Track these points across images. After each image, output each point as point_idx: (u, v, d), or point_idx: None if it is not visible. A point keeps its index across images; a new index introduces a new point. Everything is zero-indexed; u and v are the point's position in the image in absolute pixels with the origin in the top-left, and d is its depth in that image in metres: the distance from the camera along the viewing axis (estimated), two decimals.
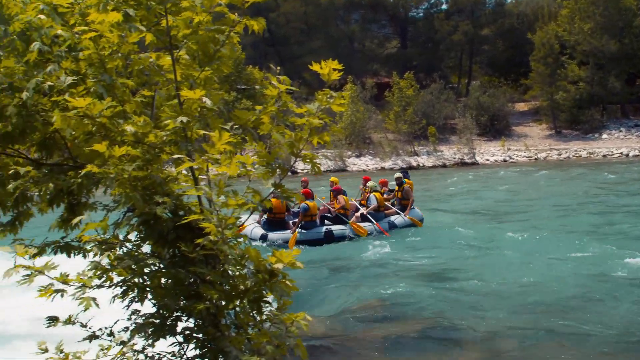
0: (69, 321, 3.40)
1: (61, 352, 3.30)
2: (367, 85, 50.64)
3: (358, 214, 14.77)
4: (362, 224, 14.41)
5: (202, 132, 2.76)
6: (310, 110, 3.02)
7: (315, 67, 3.08)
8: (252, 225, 14.25)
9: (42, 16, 3.39)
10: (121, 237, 3.31)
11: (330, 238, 14.02)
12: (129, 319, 3.35)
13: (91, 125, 2.94)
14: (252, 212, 2.88)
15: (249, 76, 44.97)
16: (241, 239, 2.96)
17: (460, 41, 61.45)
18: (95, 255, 3.22)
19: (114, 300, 3.11)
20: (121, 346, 3.35)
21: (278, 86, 2.93)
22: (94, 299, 2.84)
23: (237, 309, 2.98)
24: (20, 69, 3.66)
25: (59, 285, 2.92)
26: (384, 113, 49.10)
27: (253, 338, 2.88)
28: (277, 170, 2.99)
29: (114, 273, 3.08)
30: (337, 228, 14.33)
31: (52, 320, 3.38)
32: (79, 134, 3.03)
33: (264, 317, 2.93)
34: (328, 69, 3.04)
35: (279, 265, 2.66)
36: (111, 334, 3.43)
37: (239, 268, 2.79)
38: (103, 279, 3.00)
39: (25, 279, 2.83)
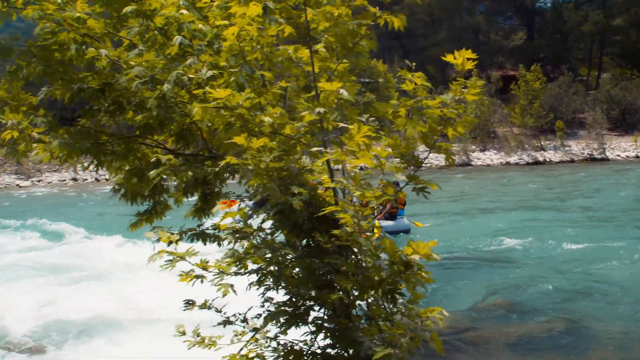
0: (204, 306, 3.60)
1: (198, 335, 3.50)
2: (492, 78, 49.49)
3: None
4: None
5: (340, 124, 2.83)
6: (445, 101, 3.04)
7: (448, 57, 3.08)
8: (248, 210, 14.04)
9: (184, 11, 3.59)
10: (254, 226, 3.47)
11: None
12: (262, 307, 3.51)
13: (230, 116, 3.09)
14: (385, 205, 2.94)
15: (372, 69, 45.00)
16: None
17: (591, 32, 58.51)
18: (229, 243, 3.39)
19: (250, 287, 3.26)
20: (254, 333, 3.51)
21: (415, 81, 2.96)
22: (231, 286, 2.98)
23: (370, 300, 3.04)
24: (159, 62, 3.91)
25: (199, 271, 3.09)
26: (509, 106, 47.92)
27: (386, 330, 2.94)
28: (412, 162, 3.03)
29: (249, 261, 3.23)
30: None
31: (189, 304, 3.60)
32: (217, 125, 3.19)
33: (396, 309, 2.98)
34: (462, 58, 3.04)
35: (415, 257, 2.69)
36: (244, 320, 3.60)
37: (374, 259, 2.85)
38: (239, 266, 3.15)
39: (167, 264, 3.03)
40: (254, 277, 3.32)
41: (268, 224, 3.38)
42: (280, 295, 3.35)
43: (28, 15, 4.10)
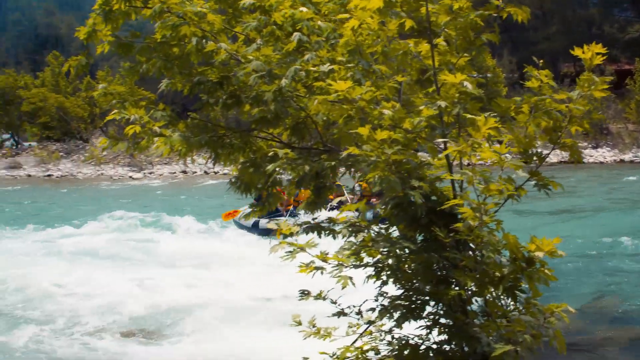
0: (319, 296, 3.71)
1: (313, 326, 3.62)
2: (606, 72, 47.69)
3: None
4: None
5: (468, 115, 2.85)
6: (571, 97, 3.01)
7: (576, 51, 3.05)
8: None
9: (303, 8, 3.72)
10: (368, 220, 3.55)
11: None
12: (376, 300, 3.58)
13: (350, 109, 3.18)
14: (505, 200, 2.94)
15: (480, 63, 44.25)
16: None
17: None
18: (344, 236, 3.49)
19: (367, 280, 3.34)
20: (368, 325, 3.60)
21: (542, 78, 2.95)
22: (350, 278, 3.07)
23: (488, 296, 3.06)
24: (275, 56, 4.05)
25: (318, 263, 3.20)
26: (623, 102, 45.98)
27: (502, 327, 2.95)
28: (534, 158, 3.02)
29: (364, 254, 3.31)
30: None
31: (304, 294, 3.72)
32: (336, 118, 3.29)
33: (516, 306, 2.99)
34: (590, 53, 3.00)
35: (539, 254, 2.69)
36: (359, 313, 3.69)
37: (495, 255, 2.87)
38: (356, 259, 3.24)
39: (288, 255, 3.15)
40: (369, 271, 3.40)
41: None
42: (394, 290, 3.41)
43: (146, 14, 4.34)
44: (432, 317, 3.30)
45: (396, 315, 3.32)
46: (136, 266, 11.89)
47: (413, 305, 3.28)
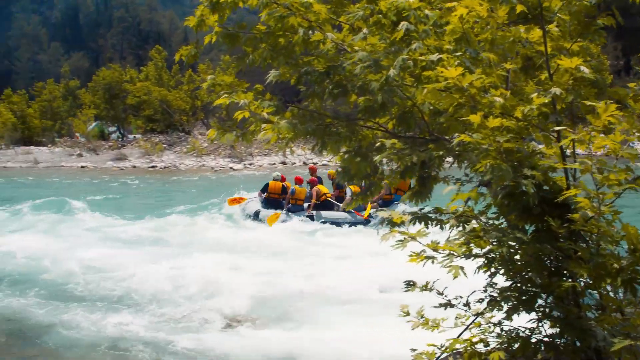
0: (425, 288, 3.72)
1: (422, 317, 3.64)
2: None
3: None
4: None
5: (589, 102, 2.79)
6: None
7: None
8: (250, 201, 16.94)
9: None
10: (476, 210, 3.53)
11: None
12: (484, 291, 3.56)
13: (460, 98, 3.17)
14: (623, 191, 2.86)
15: (585, 51, 42.68)
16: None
17: None
18: (451, 227, 3.48)
19: (478, 271, 3.32)
20: (477, 317, 3.58)
21: None
22: (461, 268, 3.07)
23: (602, 289, 2.99)
24: (381, 45, 4.08)
25: (429, 252, 3.22)
26: None
27: (618, 321, 2.88)
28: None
29: (472, 244, 3.30)
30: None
31: (410, 285, 3.74)
32: (445, 107, 3.28)
33: (633, 299, 2.90)
34: None
35: None
36: (467, 304, 3.68)
37: (613, 246, 2.80)
38: (465, 249, 3.23)
39: (399, 244, 3.18)
40: (476, 261, 3.38)
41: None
42: (502, 281, 3.38)
43: (253, 4, 4.45)
44: (543, 309, 3.25)
45: (506, 307, 3.28)
46: (238, 255, 12.19)
47: (524, 297, 3.24)
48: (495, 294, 3.41)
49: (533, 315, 3.30)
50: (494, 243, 3.16)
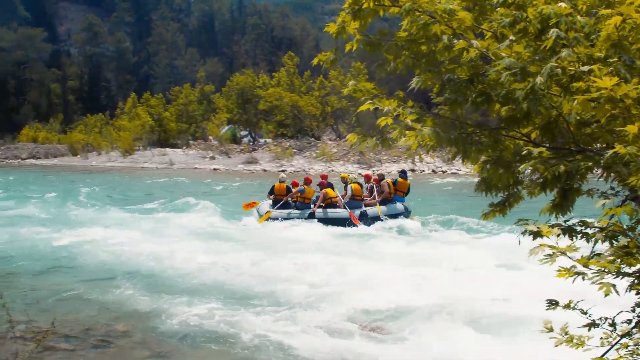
0: (568, 306, 3.62)
1: (566, 334, 3.54)
2: None
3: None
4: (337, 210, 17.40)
5: None
6: None
7: None
8: (263, 203, 18.98)
9: (562, 4, 3.65)
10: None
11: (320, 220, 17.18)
12: (632, 311, 3.42)
13: (612, 109, 3.07)
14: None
15: None
16: None
17: None
18: (596, 241, 3.37)
19: (629, 290, 3.20)
20: (624, 337, 3.44)
21: None
22: (613, 286, 2.96)
23: None
24: (526, 54, 4.01)
25: (579, 268, 3.12)
26: None
27: None
28: None
29: (621, 261, 3.17)
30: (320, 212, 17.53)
31: (552, 303, 3.65)
32: (599, 117, 3.19)
33: None
34: None
35: None
36: (613, 324, 3.54)
37: None
38: (617, 265, 3.12)
39: (547, 259, 3.12)
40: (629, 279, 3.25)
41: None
42: None
43: (394, 12, 4.49)
44: None
45: None
46: (358, 260, 12.31)
47: None
48: None
49: None
50: None
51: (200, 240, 15.09)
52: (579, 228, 3.63)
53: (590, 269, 3.07)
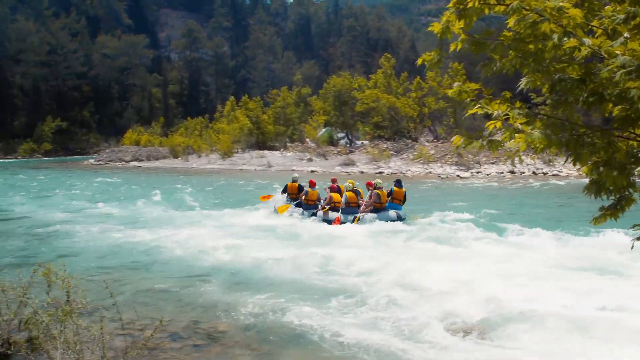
0: None
1: None
2: None
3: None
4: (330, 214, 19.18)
5: None
6: None
7: None
8: (277, 197, 21.56)
9: None
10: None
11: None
12: None
13: None
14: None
15: None
16: None
17: None
18: None
19: None
20: None
21: None
22: None
23: None
24: None
25: None
26: None
27: None
28: None
29: None
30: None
31: None
32: None
33: None
34: None
35: None
36: None
37: None
38: None
39: None
40: None
41: None
42: None
43: (500, 10, 4.43)
44: None
45: None
46: (445, 260, 12.19)
47: None
48: None
49: None
50: None
51: (297, 241, 15.32)
52: None
53: None
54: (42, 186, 38.86)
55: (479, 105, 4.08)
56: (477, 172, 37.40)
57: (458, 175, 36.82)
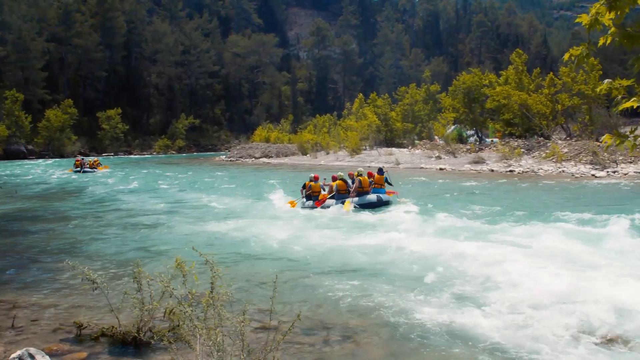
0: None
1: None
2: None
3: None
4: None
5: None
6: None
7: None
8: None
9: None
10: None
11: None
12: None
13: None
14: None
15: None
16: None
17: None
18: None
19: None
20: None
21: None
22: None
23: None
24: None
25: None
26: None
27: None
28: None
29: None
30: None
31: None
32: None
33: None
34: None
35: None
36: None
37: None
38: None
39: None
40: None
41: None
42: None
43: None
44: None
45: None
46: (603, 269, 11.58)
47: None
48: None
49: None
50: None
51: (432, 237, 15.14)
52: None
53: None
54: (180, 180, 40.57)
55: (634, 99, 3.87)
56: (614, 172, 35.64)
57: (593, 175, 35.23)
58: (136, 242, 16.43)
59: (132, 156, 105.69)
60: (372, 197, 22.07)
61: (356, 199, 22.01)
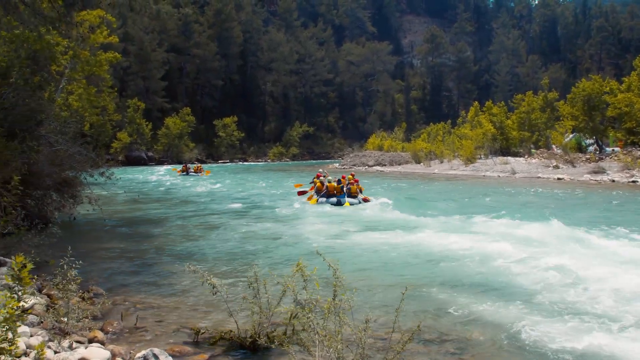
0: None
1: None
2: None
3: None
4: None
5: None
6: None
7: None
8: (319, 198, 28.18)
9: None
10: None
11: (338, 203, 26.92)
12: None
13: None
14: None
15: None
16: None
17: None
18: None
19: None
20: None
21: None
22: None
23: None
24: None
25: None
26: None
27: None
28: None
29: None
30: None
31: None
32: None
33: None
34: None
35: None
36: None
37: None
38: None
39: None
40: None
41: None
42: None
43: None
44: None
45: None
46: None
47: None
48: None
49: None
50: None
51: (545, 252, 14.69)
52: None
53: None
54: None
55: None
56: None
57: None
58: (250, 245, 16.90)
59: (246, 163, 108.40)
60: (333, 200, 27.24)
61: (322, 199, 27.72)
